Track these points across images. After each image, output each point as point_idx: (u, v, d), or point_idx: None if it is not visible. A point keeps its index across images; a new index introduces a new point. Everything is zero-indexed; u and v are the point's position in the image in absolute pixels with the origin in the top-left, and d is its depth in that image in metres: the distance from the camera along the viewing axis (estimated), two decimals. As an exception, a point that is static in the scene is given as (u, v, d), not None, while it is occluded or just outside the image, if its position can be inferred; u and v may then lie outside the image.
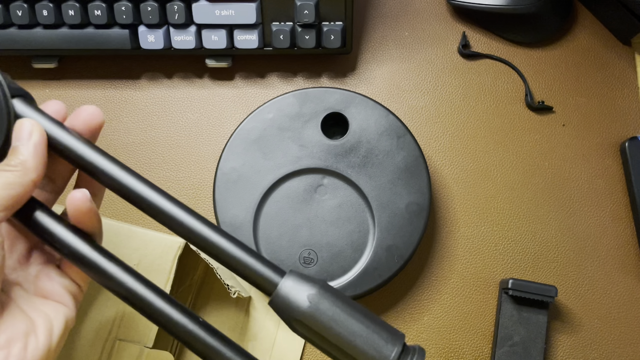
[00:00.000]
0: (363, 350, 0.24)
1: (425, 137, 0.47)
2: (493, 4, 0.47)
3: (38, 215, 0.27)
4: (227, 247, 0.26)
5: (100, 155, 0.28)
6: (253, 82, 0.48)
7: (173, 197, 0.27)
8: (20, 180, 0.26)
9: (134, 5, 0.44)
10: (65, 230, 0.27)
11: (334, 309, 0.25)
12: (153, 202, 0.27)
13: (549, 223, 0.46)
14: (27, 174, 0.26)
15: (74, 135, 0.28)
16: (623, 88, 0.48)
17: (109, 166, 0.27)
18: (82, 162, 0.27)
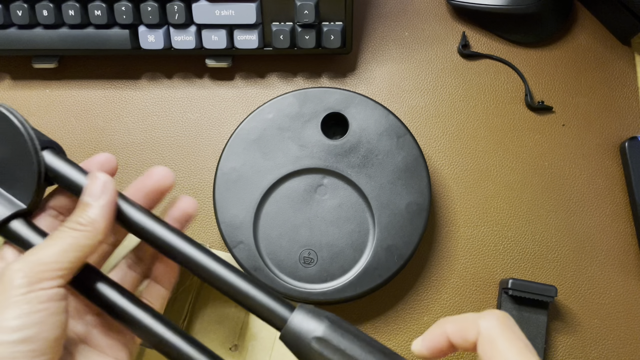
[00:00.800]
0: None
1: (425, 137, 0.47)
2: (493, 4, 0.47)
3: (88, 276, 0.27)
4: (235, 282, 0.27)
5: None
6: (253, 82, 0.48)
7: (181, 232, 0.28)
8: (90, 242, 0.26)
9: (134, 5, 0.44)
10: (116, 293, 0.27)
11: (344, 342, 0.25)
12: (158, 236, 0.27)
13: (549, 223, 0.46)
14: (96, 236, 0.26)
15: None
16: (623, 88, 0.48)
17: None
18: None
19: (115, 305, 0.27)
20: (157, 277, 0.30)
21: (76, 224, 0.26)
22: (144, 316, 0.27)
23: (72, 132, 0.47)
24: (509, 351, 0.23)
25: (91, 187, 0.26)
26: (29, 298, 0.23)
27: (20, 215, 0.27)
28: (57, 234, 0.26)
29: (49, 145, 0.28)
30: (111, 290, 0.27)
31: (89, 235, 0.26)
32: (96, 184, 0.26)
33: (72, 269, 0.25)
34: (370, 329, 0.45)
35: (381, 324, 0.45)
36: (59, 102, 0.48)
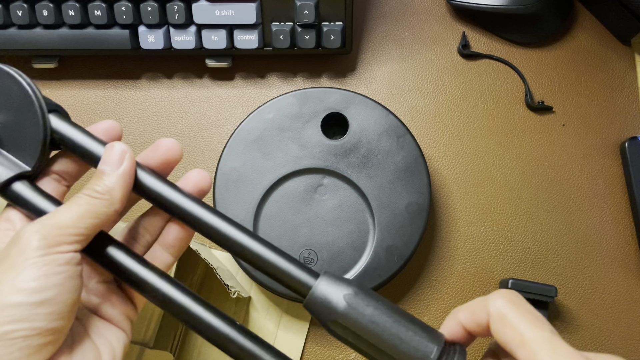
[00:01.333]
0: (402, 350, 0.24)
1: (425, 137, 0.47)
2: (493, 4, 0.47)
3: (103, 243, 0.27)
4: (259, 251, 0.27)
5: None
6: (253, 82, 0.48)
7: (203, 202, 0.27)
8: (107, 210, 0.25)
9: (134, 5, 0.44)
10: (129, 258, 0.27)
11: (371, 308, 0.25)
12: (185, 208, 0.27)
13: (549, 223, 0.46)
14: (113, 204, 0.26)
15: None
16: (623, 88, 0.48)
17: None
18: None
19: (128, 270, 0.26)
20: (166, 243, 0.29)
21: (93, 192, 0.25)
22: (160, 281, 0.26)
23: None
24: (520, 324, 0.23)
25: (109, 156, 0.26)
26: (47, 260, 0.23)
27: (24, 178, 0.27)
28: (74, 200, 0.25)
29: (55, 109, 0.28)
30: (124, 255, 0.27)
31: (105, 203, 0.25)
32: (114, 152, 0.26)
33: (88, 235, 0.25)
34: (370, 329, 0.45)
35: (381, 324, 0.45)
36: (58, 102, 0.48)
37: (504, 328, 0.23)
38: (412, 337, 0.24)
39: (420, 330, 0.25)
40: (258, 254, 0.27)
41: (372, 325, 0.24)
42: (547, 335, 0.22)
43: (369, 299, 0.25)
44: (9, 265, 0.23)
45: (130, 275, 0.26)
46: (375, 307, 0.25)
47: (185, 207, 0.27)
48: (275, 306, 0.45)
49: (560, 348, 0.22)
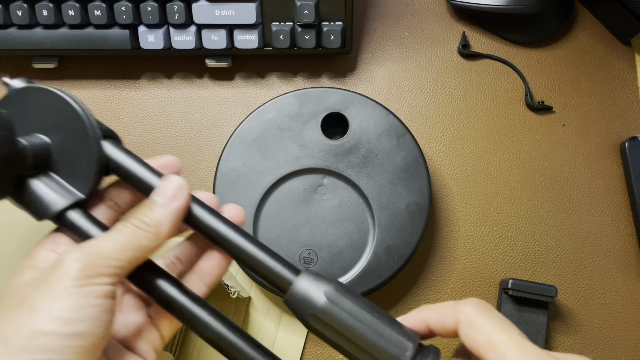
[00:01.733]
0: (379, 346, 0.25)
1: (425, 137, 0.47)
2: (493, 4, 0.47)
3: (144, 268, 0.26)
4: (242, 245, 0.27)
5: None
6: (253, 82, 0.48)
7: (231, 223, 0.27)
8: (150, 244, 0.25)
9: (134, 5, 0.44)
10: (168, 284, 0.26)
11: (351, 305, 0.25)
12: None
13: (549, 223, 0.46)
14: (158, 239, 0.25)
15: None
16: (623, 88, 0.48)
17: None
18: None
19: (170, 298, 0.26)
20: (203, 272, 0.28)
21: (141, 223, 0.25)
22: (202, 313, 0.26)
23: (72, 132, 0.47)
24: (489, 328, 0.23)
25: (164, 188, 0.25)
26: (84, 292, 0.22)
27: (77, 205, 0.26)
28: (119, 229, 0.24)
29: (109, 135, 0.27)
30: (165, 282, 0.26)
31: (151, 237, 0.25)
32: (170, 185, 0.25)
33: (128, 268, 0.24)
34: (370, 329, 0.44)
35: (381, 324, 0.45)
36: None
37: (473, 332, 0.24)
38: (390, 334, 0.25)
39: (396, 328, 0.25)
40: (242, 249, 0.27)
41: (351, 321, 0.25)
42: (515, 338, 0.23)
43: (348, 296, 0.25)
44: (47, 290, 0.22)
45: (172, 303, 0.26)
46: (354, 304, 0.25)
47: (226, 235, 0.27)
48: (275, 306, 0.45)
49: (528, 348, 0.22)
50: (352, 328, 0.25)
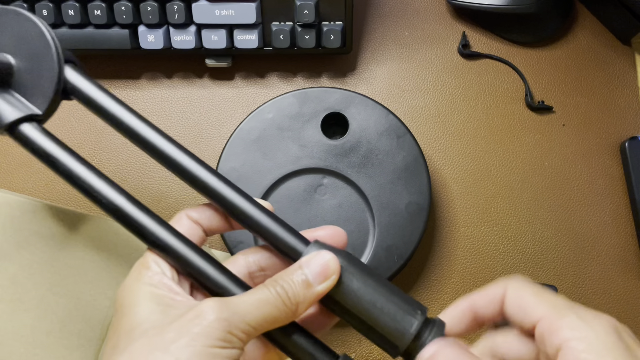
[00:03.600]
0: (384, 321, 0.25)
1: (425, 137, 0.47)
2: (493, 4, 0.47)
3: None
4: (254, 215, 0.27)
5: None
6: (253, 82, 0.48)
7: (206, 164, 0.28)
8: (284, 319, 0.24)
9: (134, 5, 0.44)
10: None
11: (359, 276, 0.25)
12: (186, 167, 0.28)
13: (549, 223, 0.46)
14: (293, 317, 0.25)
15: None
16: (623, 88, 0.48)
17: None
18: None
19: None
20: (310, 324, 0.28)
21: (286, 296, 0.24)
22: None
23: (72, 132, 0.47)
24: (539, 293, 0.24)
25: (316, 264, 0.25)
26: (222, 353, 0.23)
27: (34, 120, 0.27)
28: (262, 293, 0.24)
29: (71, 60, 0.28)
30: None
31: (288, 314, 0.24)
32: (322, 266, 0.25)
33: (255, 335, 0.24)
34: (370, 329, 0.44)
35: (381, 324, 0.45)
36: (58, 102, 0.48)
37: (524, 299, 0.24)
38: (396, 310, 0.25)
39: (404, 303, 0.25)
40: (255, 219, 0.27)
41: (359, 293, 0.25)
42: (568, 303, 0.24)
43: (357, 269, 0.26)
44: (188, 342, 0.22)
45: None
46: (362, 278, 0.25)
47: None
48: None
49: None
50: (358, 303, 0.25)
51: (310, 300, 0.25)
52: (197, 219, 0.28)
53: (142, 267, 0.26)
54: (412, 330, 0.25)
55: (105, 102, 0.28)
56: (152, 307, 0.24)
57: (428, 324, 0.25)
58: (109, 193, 0.27)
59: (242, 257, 0.29)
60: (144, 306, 0.24)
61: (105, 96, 0.28)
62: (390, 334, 0.25)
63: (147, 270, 0.26)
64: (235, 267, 0.28)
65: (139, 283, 0.25)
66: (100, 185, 0.27)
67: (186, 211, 0.28)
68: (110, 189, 0.27)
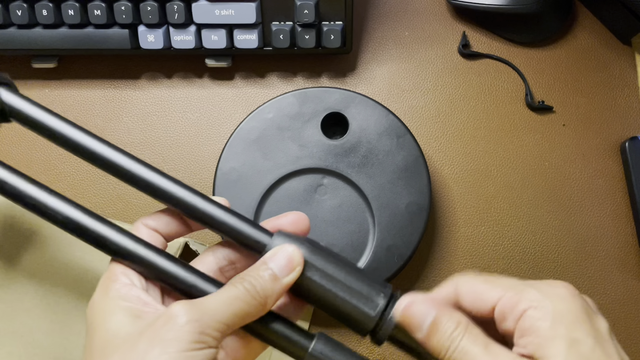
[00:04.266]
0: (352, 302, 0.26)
1: (425, 137, 0.47)
2: (493, 4, 0.47)
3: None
4: (213, 212, 0.27)
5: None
6: (253, 82, 0.48)
7: (161, 170, 0.28)
8: (255, 315, 0.25)
9: (134, 5, 0.43)
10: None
11: (323, 262, 0.26)
12: (143, 177, 0.28)
13: (549, 223, 0.46)
14: (263, 311, 0.25)
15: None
16: (623, 88, 0.48)
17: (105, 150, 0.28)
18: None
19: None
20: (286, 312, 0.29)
21: (255, 291, 0.25)
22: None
23: (71, 132, 0.47)
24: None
25: (279, 258, 0.26)
26: (198, 355, 0.23)
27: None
28: (230, 290, 0.25)
29: (5, 82, 0.28)
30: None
31: (259, 308, 0.25)
32: (285, 258, 0.26)
33: (228, 333, 0.24)
34: (370, 329, 0.44)
35: (381, 324, 0.45)
36: (58, 102, 0.48)
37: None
38: (362, 288, 0.26)
39: (369, 281, 0.26)
40: (215, 217, 0.27)
41: (325, 280, 0.26)
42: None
43: (320, 256, 0.27)
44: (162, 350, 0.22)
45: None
46: (326, 264, 0.26)
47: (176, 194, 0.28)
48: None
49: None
50: (325, 287, 0.26)
51: (278, 293, 0.25)
52: (154, 227, 0.28)
53: (109, 281, 0.26)
54: (381, 303, 0.26)
55: (44, 119, 0.28)
56: (122, 320, 0.24)
57: (393, 298, 0.26)
58: (64, 209, 0.27)
59: (211, 254, 0.29)
60: (114, 321, 0.24)
61: (44, 113, 0.28)
62: (359, 311, 0.26)
63: (114, 282, 0.26)
64: (204, 265, 0.28)
65: (107, 298, 0.25)
66: (54, 202, 0.27)
67: (142, 220, 0.28)
68: (65, 205, 0.27)
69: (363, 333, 0.27)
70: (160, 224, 0.28)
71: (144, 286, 0.26)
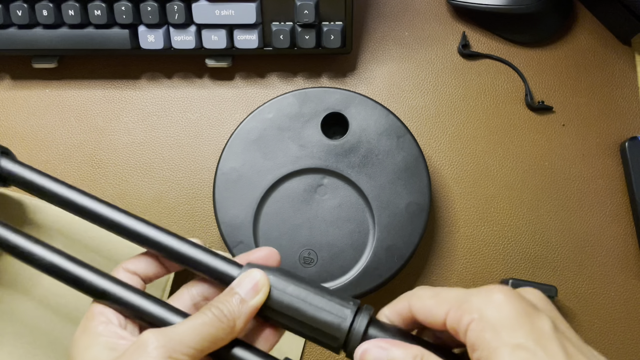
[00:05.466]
0: (321, 318, 0.27)
1: (425, 137, 0.47)
2: (493, 4, 0.47)
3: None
4: (188, 252, 0.29)
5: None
6: (253, 82, 0.48)
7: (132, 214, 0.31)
8: (225, 338, 0.26)
9: (134, 5, 0.44)
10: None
11: (292, 288, 0.28)
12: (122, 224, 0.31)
13: (549, 223, 0.46)
14: (232, 333, 0.26)
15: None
16: (623, 88, 0.48)
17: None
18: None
19: None
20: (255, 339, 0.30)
21: (221, 314, 0.26)
22: None
23: (72, 132, 0.47)
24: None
25: (246, 282, 0.27)
26: None
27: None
28: (198, 317, 0.26)
29: (4, 151, 0.32)
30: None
31: (227, 331, 0.26)
32: (251, 281, 0.27)
33: (199, 358, 0.25)
34: (370, 329, 0.44)
35: (381, 324, 0.45)
36: (58, 102, 0.48)
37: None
38: (331, 306, 0.27)
39: (336, 298, 0.28)
40: (186, 255, 0.29)
41: (295, 302, 0.27)
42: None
43: (287, 279, 0.28)
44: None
45: None
46: (295, 286, 0.28)
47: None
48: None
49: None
50: (295, 307, 0.27)
51: (246, 315, 0.27)
52: (133, 270, 0.30)
53: (88, 320, 0.28)
54: (349, 316, 0.27)
55: (39, 182, 0.31)
56: (99, 352, 0.26)
57: (360, 313, 0.27)
58: (48, 256, 0.29)
59: (186, 291, 0.31)
60: (92, 353, 0.26)
61: (38, 177, 0.31)
62: (328, 326, 0.27)
63: (92, 321, 0.28)
64: (180, 302, 0.30)
65: (86, 334, 0.27)
66: (37, 249, 0.30)
67: (123, 264, 0.30)
68: (48, 252, 0.30)
69: (336, 348, 0.27)
70: (139, 268, 0.30)
71: (122, 323, 0.28)
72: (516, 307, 0.23)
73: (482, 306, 0.23)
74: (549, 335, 0.23)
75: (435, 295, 0.25)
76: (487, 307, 0.23)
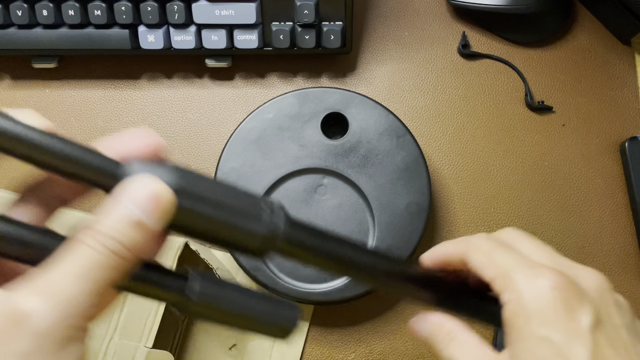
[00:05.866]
0: (238, 219, 0.22)
1: (425, 137, 0.47)
2: (493, 4, 0.47)
3: None
4: (31, 137, 0.19)
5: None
6: (253, 82, 0.48)
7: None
8: (125, 272, 0.19)
9: (134, 5, 0.44)
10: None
11: (197, 191, 0.22)
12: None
13: (549, 223, 0.46)
14: (136, 263, 0.19)
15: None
16: (623, 88, 0.48)
17: None
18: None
19: None
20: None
21: (121, 247, 0.18)
22: None
23: (72, 132, 0.47)
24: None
25: (142, 197, 0.19)
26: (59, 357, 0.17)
27: None
28: (88, 260, 0.18)
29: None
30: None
31: (131, 264, 0.19)
32: (147, 194, 0.19)
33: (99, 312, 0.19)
34: (370, 329, 0.44)
35: (381, 324, 0.45)
36: (58, 102, 0.48)
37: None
38: (246, 203, 0.22)
39: (251, 196, 0.23)
40: (42, 146, 0.20)
41: (202, 210, 0.21)
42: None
43: (192, 184, 0.22)
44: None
45: None
46: (201, 192, 0.22)
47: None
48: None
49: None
50: (207, 213, 0.21)
51: (147, 241, 0.19)
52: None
53: None
54: (267, 211, 0.22)
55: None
56: None
57: (272, 202, 0.23)
58: None
59: (31, 193, 0.22)
60: None
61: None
62: (247, 228, 0.22)
63: None
64: (24, 210, 0.22)
65: None
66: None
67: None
68: None
69: (257, 250, 0.22)
70: None
71: None
72: (558, 296, 0.22)
73: (524, 288, 0.22)
74: (584, 331, 0.21)
75: (489, 254, 0.25)
76: (528, 291, 0.22)
